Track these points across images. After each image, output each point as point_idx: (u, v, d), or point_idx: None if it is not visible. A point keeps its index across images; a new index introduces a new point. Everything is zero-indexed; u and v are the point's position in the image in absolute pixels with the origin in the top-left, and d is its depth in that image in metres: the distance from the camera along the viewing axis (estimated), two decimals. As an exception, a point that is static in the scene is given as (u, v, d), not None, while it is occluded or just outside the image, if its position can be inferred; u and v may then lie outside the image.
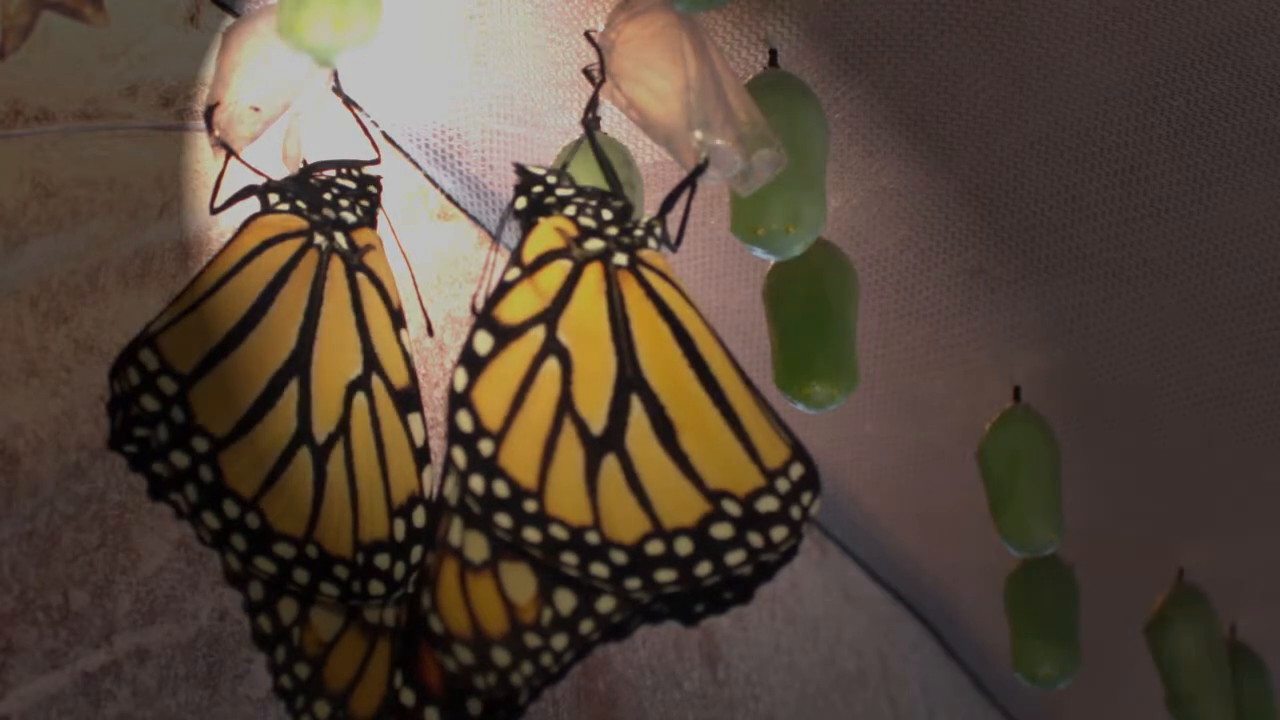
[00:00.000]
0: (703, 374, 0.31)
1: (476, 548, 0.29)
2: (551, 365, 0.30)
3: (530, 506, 0.29)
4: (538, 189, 0.33)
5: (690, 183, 0.33)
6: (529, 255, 0.31)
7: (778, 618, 0.60)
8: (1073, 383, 0.53)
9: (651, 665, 0.52)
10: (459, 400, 0.30)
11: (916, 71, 0.42)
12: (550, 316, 0.30)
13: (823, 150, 0.39)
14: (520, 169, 0.33)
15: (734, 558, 0.29)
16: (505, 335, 0.30)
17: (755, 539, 0.30)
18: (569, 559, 0.29)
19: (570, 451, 0.29)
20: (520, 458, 0.29)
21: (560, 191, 0.33)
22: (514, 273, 0.31)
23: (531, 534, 0.29)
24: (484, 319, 0.30)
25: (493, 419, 0.29)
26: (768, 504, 0.30)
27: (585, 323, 0.31)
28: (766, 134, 0.34)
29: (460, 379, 0.30)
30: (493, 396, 0.30)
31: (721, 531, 0.29)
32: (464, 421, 0.29)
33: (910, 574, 0.68)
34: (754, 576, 0.30)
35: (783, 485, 0.30)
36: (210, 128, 0.36)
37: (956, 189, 0.46)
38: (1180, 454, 0.56)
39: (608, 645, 0.31)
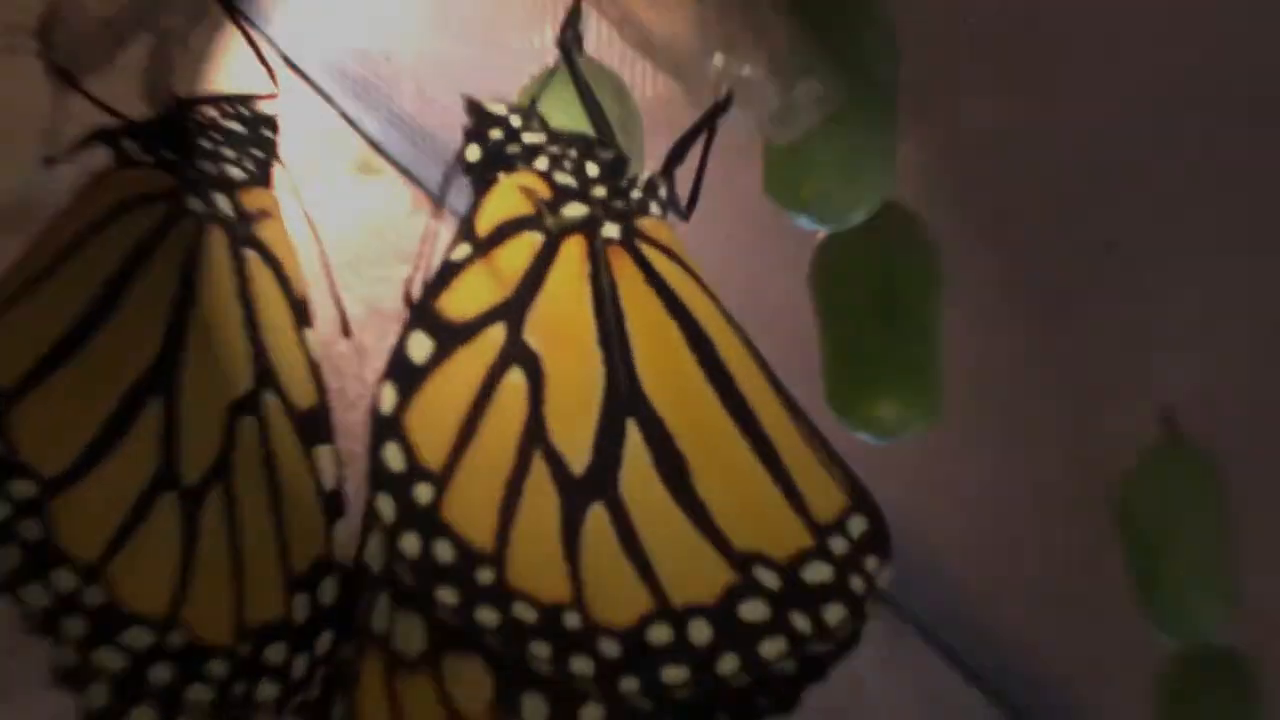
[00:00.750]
0: (726, 390, 0.31)
1: (410, 636, 0.29)
2: (515, 379, 0.30)
3: (485, 577, 0.29)
4: (496, 133, 0.33)
5: (707, 126, 0.33)
6: (484, 225, 0.31)
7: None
8: (1249, 404, 0.52)
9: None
10: (386, 428, 0.29)
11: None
12: (513, 311, 0.30)
13: (892, 79, 0.39)
14: (472, 105, 0.33)
15: (771, 649, 0.29)
16: (451, 337, 0.30)
17: (801, 622, 0.29)
18: (540, 651, 0.29)
19: (541, 499, 0.29)
20: (471, 509, 0.29)
21: (528, 138, 0.33)
22: (463, 250, 0.31)
23: (487, 615, 0.29)
24: (421, 314, 0.30)
25: (433, 454, 0.29)
26: (818, 572, 0.30)
27: (562, 319, 0.31)
28: (811, 58, 0.34)
29: (388, 398, 0.30)
30: (433, 423, 0.30)
31: (753, 612, 0.29)
32: (393, 458, 0.29)
33: (1021, 671, 0.67)
34: (799, 675, 0.30)
35: (839, 546, 0.30)
36: (44, 48, 0.36)
37: (1081, 131, 0.46)
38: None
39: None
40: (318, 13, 0.46)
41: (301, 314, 0.35)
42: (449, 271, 0.31)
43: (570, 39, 0.35)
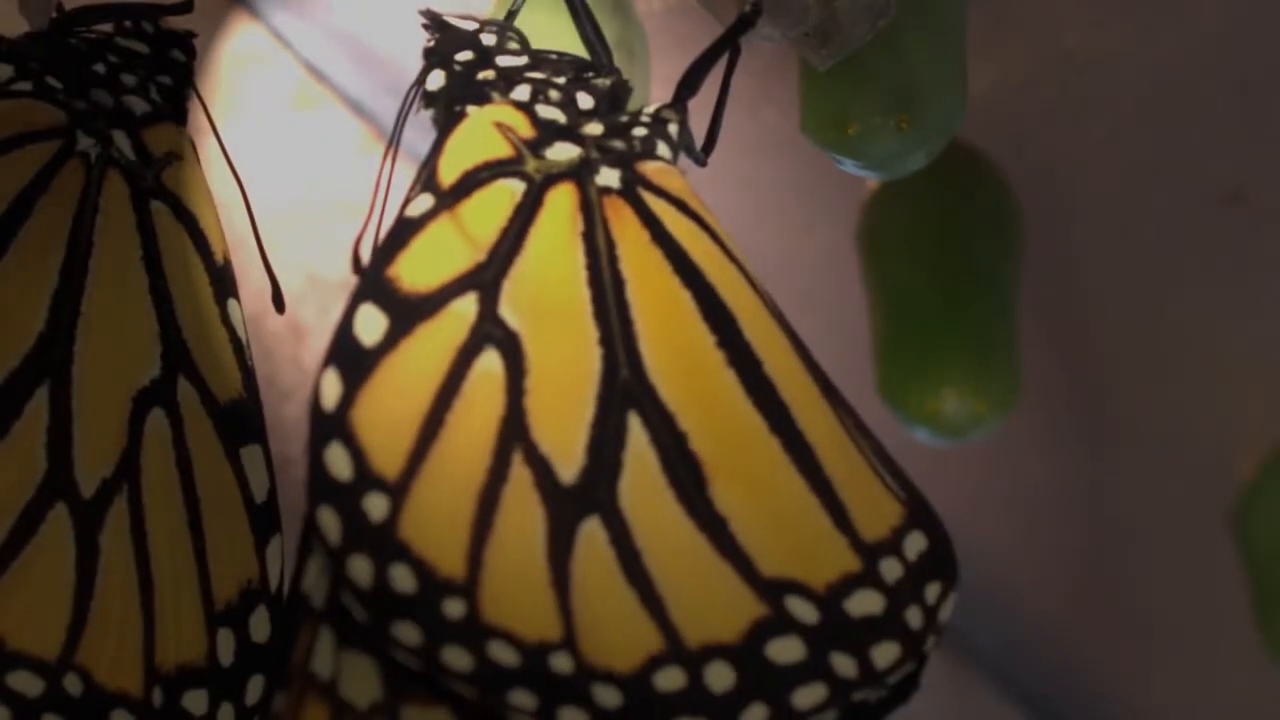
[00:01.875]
0: (752, 377, 0.31)
1: (360, 681, 0.29)
2: (489, 364, 0.30)
3: (454, 610, 0.29)
4: (464, 56, 0.33)
5: (728, 45, 0.33)
6: (449, 172, 0.31)
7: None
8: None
9: None
10: (329, 426, 0.29)
11: None
12: (487, 279, 0.30)
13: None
14: (434, 18, 0.33)
15: (807, 698, 0.29)
16: (409, 312, 0.30)
17: (844, 664, 0.30)
18: (522, 701, 0.29)
19: (523, 514, 0.29)
20: (436, 526, 0.29)
21: (503, 61, 0.33)
22: (423, 202, 0.31)
23: (457, 658, 0.29)
24: (372, 283, 0.30)
25: (387, 459, 0.29)
26: (866, 603, 0.30)
27: (547, 289, 0.31)
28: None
29: (331, 389, 0.30)
30: (387, 419, 0.29)
31: (785, 652, 0.29)
32: (338, 463, 0.29)
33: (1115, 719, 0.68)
34: None
35: (891, 570, 0.30)
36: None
37: (1201, 54, 0.46)
38: None
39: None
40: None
41: (222, 283, 0.35)
42: (406, 230, 0.31)
43: None
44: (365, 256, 0.31)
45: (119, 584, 0.32)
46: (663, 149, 0.33)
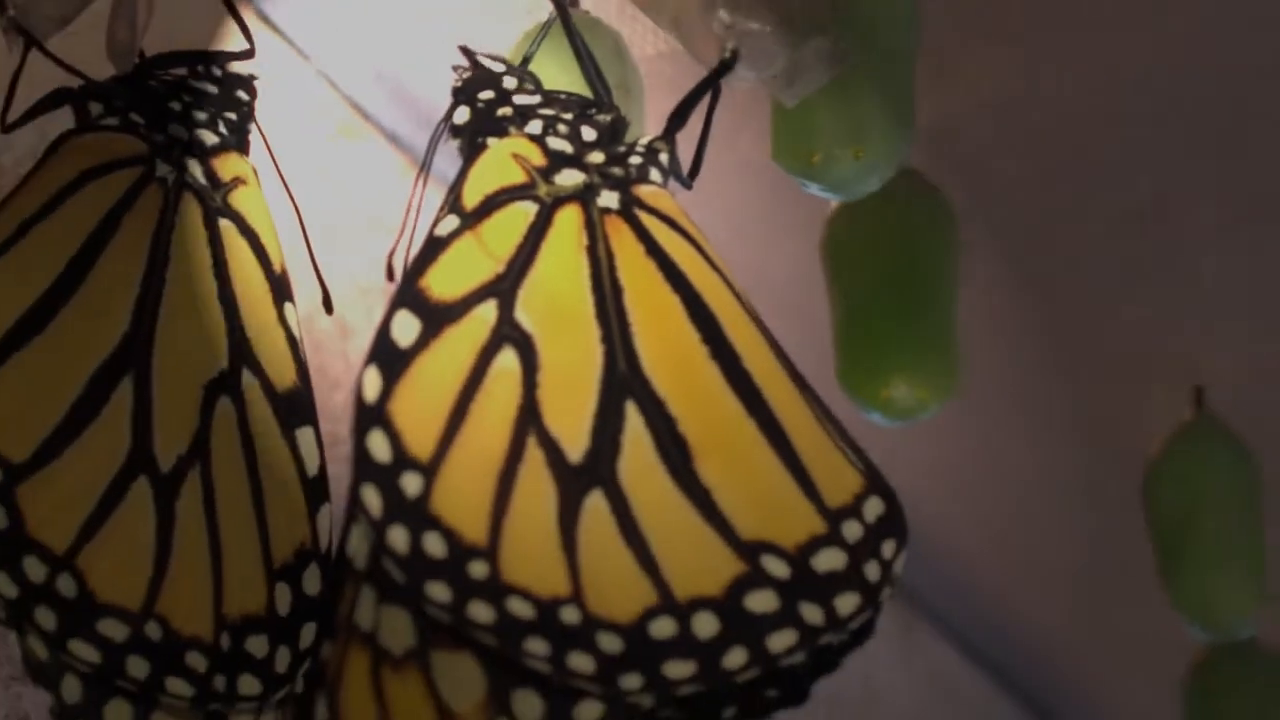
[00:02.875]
0: (731, 368, 0.31)
1: (397, 631, 0.29)
2: (507, 361, 0.30)
3: (478, 570, 0.29)
4: (487, 94, 0.33)
5: (711, 87, 0.33)
6: (472, 196, 0.31)
7: (841, 723, 0.60)
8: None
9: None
10: (371, 415, 0.29)
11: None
12: (505, 287, 0.30)
13: (911, 37, 0.39)
14: (468, 54, 0.33)
15: (781, 641, 0.29)
16: (438, 317, 0.30)
17: (812, 612, 0.29)
18: (537, 647, 0.29)
19: (537, 488, 0.29)
20: (462, 500, 0.29)
21: (520, 99, 0.33)
22: (449, 223, 0.31)
23: (481, 611, 0.29)
24: (407, 293, 0.30)
25: (421, 443, 0.29)
26: (830, 559, 0.30)
27: (557, 296, 0.30)
28: (822, 13, 0.33)
29: (372, 384, 0.29)
30: (421, 409, 0.29)
31: (762, 603, 0.29)
32: (378, 447, 0.29)
33: (1040, 667, 0.68)
34: (810, 667, 0.30)
35: (852, 531, 0.30)
36: (1, 6, 0.36)
37: (1116, 90, 0.46)
38: None
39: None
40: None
41: (280, 289, 0.34)
42: (435, 247, 0.30)
43: None
44: (398, 267, 0.31)
45: (192, 545, 0.32)
46: (655, 174, 0.32)
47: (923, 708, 0.64)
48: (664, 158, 0.33)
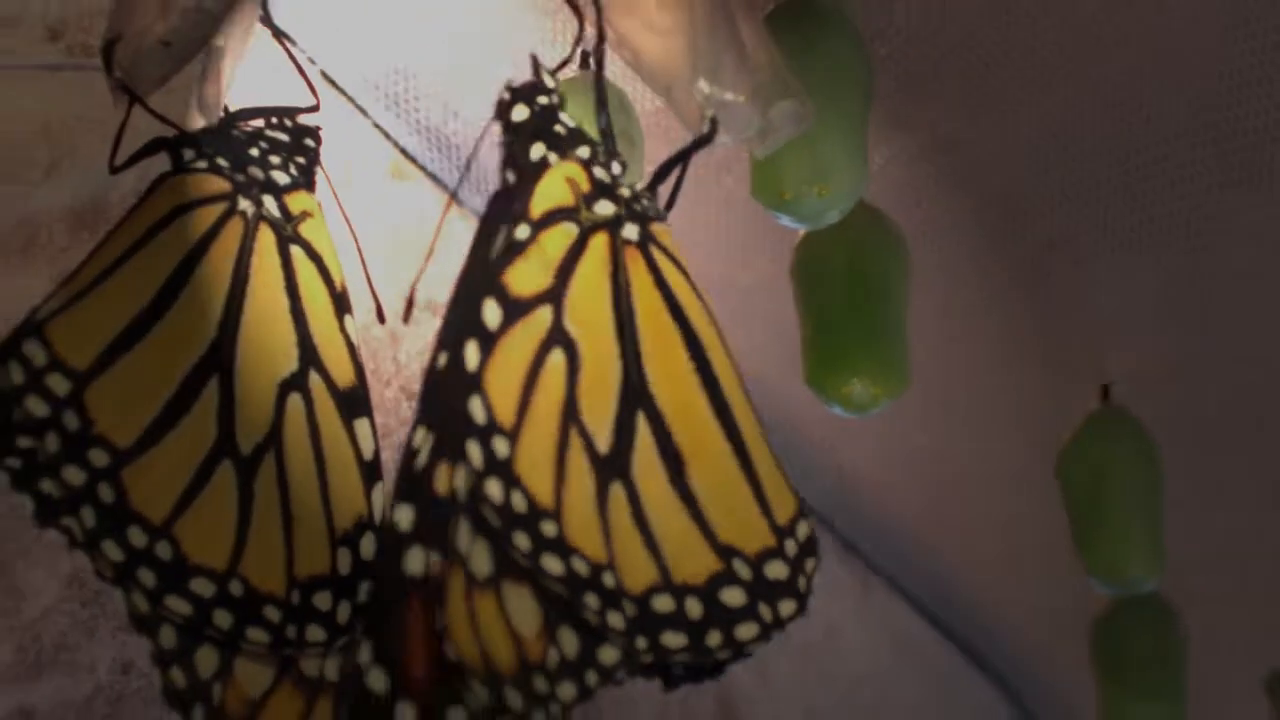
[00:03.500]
0: (714, 396, 0.30)
1: (480, 560, 0.29)
2: (557, 359, 0.30)
3: (549, 529, 0.29)
4: (544, 99, 0.32)
5: (689, 156, 0.32)
6: (537, 209, 0.31)
7: (809, 673, 0.60)
8: (1178, 380, 0.53)
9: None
10: (471, 383, 0.29)
11: (979, -4, 0.42)
12: (557, 296, 0.30)
13: (864, 95, 0.39)
14: (535, 61, 0.32)
15: (746, 631, 0.30)
16: (514, 310, 0.30)
17: (765, 611, 0.30)
18: (592, 601, 0.29)
19: (580, 469, 0.29)
20: (534, 467, 0.29)
21: (568, 119, 0.32)
22: (524, 230, 0.30)
23: (552, 563, 0.29)
24: (492, 285, 0.30)
25: (505, 413, 0.29)
26: (777, 570, 0.30)
27: (590, 309, 0.30)
28: (788, 81, 0.33)
29: (472, 356, 0.29)
30: (502, 385, 0.29)
31: (733, 597, 0.30)
32: (477, 410, 0.29)
33: (976, 618, 0.68)
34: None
35: (791, 548, 0.30)
36: (110, 68, 0.36)
37: (1033, 139, 0.46)
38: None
39: (601, 706, 0.31)
40: (354, 33, 0.46)
41: (341, 303, 0.35)
42: (514, 249, 0.30)
43: (585, 57, 0.35)
44: (418, 293, 0.31)
45: (268, 517, 0.32)
46: (656, 216, 0.32)
47: (878, 659, 0.64)
48: (646, 204, 0.32)
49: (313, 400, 0.33)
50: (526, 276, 0.30)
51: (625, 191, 0.32)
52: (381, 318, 0.38)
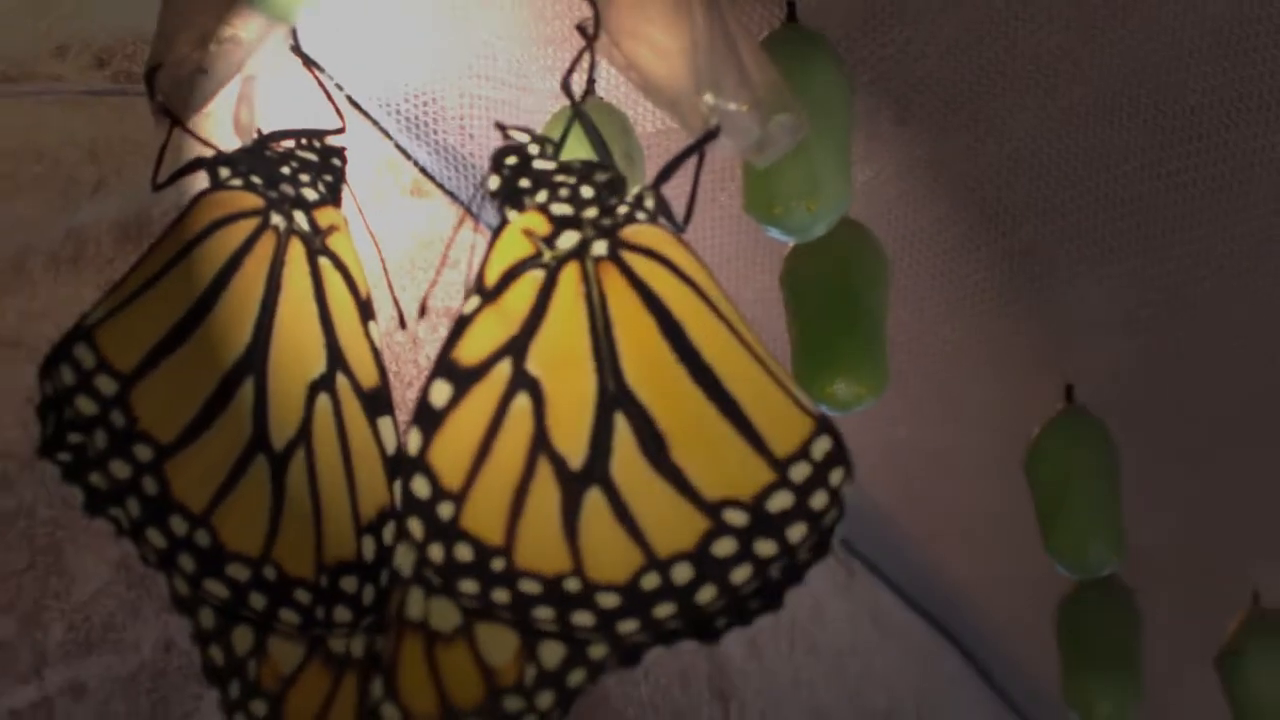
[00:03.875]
0: (695, 366, 0.30)
1: (444, 616, 0.29)
2: (521, 403, 0.30)
3: (497, 565, 0.29)
4: (511, 160, 0.32)
5: (697, 149, 0.32)
6: (492, 275, 0.31)
7: (797, 648, 0.60)
8: (1135, 381, 0.53)
9: (654, 702, 0.52)
10: (413, 465, 0.30)
11: (957, 24, 0.42)
12: (518, 345, 0.30)
13: (848, 117, 0.39)
14: (501, 128, 0.33)
15: (740, 574, 0.29)
16: (465, 379, 0.30)
17: (765, 547, 0.29)
18: (543, 614, 0.29)
19: (545, 494, 0.29)
20: (485, 515, 0.29)
21: (538, 165, 0.32)
22: (472, 302, 0.31)
23: (500, 595, 0.29)
24: (441, 364, 0.30)
25: (452, 478, 0.29)
26: (780, 501, 0.29)
27: (560, 346, 0.30)
28: (785, 96, 0.33)
29: (414, 441, 0.30)
30: (453, 452, 0.30)
31: (724, 548, 0.29)
32: (420, 488, 0.29)
33: (950, 599, 0.68)
34: (783, 579, 0.30)
35: (800, 472, 0.29)
36: (152, 93, 0.35)
37: (1003, 159, 0.46)
38: (1257, 463, 0.56)
39: (605, 680, 0.31)
40: (378, 61, 0.45)
41: (366, 311, 0.34)
42: (461, 325, 0.30)
43: (586, 84, 0.35)
44: (430, 305, 0.31)
45: (299, 507, 0.32)
46: (640, 216, 0.32)
47: (860, 634, 0.64)
48: (649, 203, 0.32)
49: (340, 400, 0.33)
50: (480, 341, 0.30)
51: (593, 210, 0.31)
52: (402, 324, 0.37)
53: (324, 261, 0.34)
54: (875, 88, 0.44)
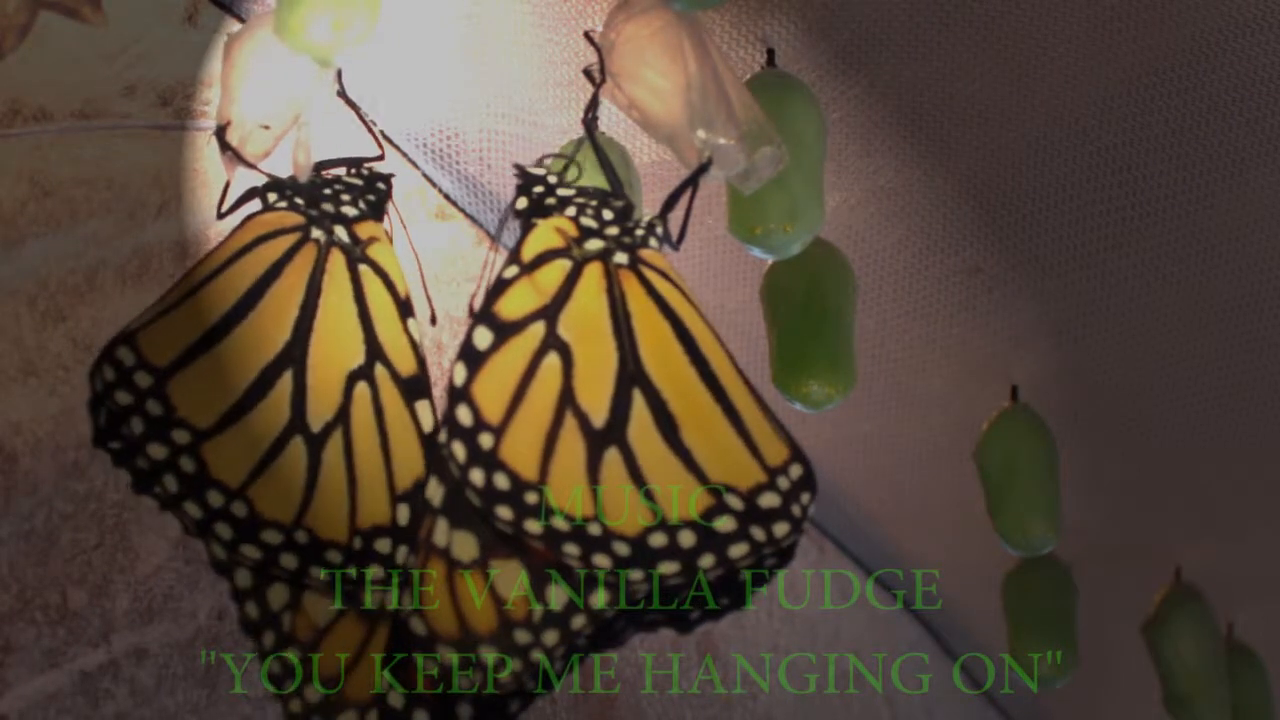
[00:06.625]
0: (704, 371, 0.31)
1: (465, 547, 0.29)
2: (552, 360, 0.30)
3: (531, 499, 0.29)
4: (538, 189, 0.33)
5: (693, 182, 0.33)
6: (528, 254, 0.31)
7: (775, 616, 0.60)
8: (1071, 382, 0.53)
9: (649, 664, 0.52)
10: (458, 395, 0.30)
11: (914, 70, 0.42)
12: (550, 313, 0.31)
13: (820, 150, 0.39)
14: (520, 170, 0.33)
15: (737, 550, 0.30)
16: (505, 330, 0.30)
17: (758, 533, 0.30)
18: (571, 550, 0.29)
19: (572, 444, 0.30)
20: (521, 451, 0.29)
21: (561, 191, 0.33)
22: (512, 270, 0.31)
23: (533, 526, 0.29)
24: (483, 314, 0.31)
25: (493, 413, 0.30)
26: (769, 499, 0.30)
27: (586, 319, 0.31)
28: (768, 131, 0.34)
29: (459, 373, 0.30)
30: (493, 391, 0.30)
31: (725, 524, 0.30)
32: (463, 416, 0.30)
33: (909, 573, 0.68)
34: (751, 580, 0.30)
35: (783, 483, 0.30)
36: (224, 147, 0.35)
37: (954, 188, 0.46)
38: (1179, 453, 0.56)
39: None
40: (406, 100, 0.45)
41: (405, 309, 0.34)
42: (502, 285, 0.31)
43: (592, 120, 0.35)
44: (477, 304, 0.31)
45: (333, 480, 0.32)
46: (653, 242, 0.33)
47: (827, 598, 0.64)
48: (659, 230, 0.33)
49: (378, 387, 0.33)
50: (517, 303, 0.31)
51: (615, 230, 0.32)
52: (434, 319, 0.37)
53: (364, 268, 0.34)
54: (844, 124, 0.44)
